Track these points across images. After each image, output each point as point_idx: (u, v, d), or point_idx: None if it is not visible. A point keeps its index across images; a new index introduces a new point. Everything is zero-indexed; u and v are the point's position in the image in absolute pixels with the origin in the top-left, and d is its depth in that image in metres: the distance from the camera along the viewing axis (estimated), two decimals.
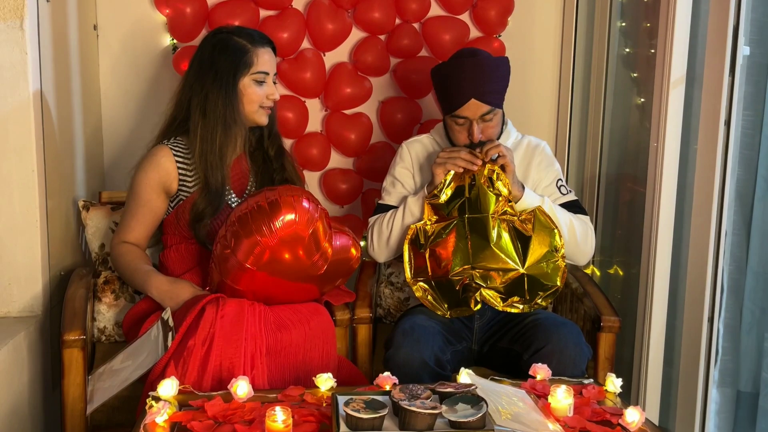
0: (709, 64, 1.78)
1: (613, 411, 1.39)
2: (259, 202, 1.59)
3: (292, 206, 1.57)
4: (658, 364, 2.00)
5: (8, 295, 1.83)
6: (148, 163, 1.77)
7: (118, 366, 1.61)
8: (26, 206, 1.81)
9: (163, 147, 1.78)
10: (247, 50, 1.74)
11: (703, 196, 1.81)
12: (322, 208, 1.65)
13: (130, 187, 1.80)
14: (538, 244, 1.77)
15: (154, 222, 1.81)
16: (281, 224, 1.56)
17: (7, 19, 1.73)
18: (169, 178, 1.77)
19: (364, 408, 1.24)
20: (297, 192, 1.62)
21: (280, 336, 1.62)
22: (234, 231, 1.59)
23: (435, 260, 1.79)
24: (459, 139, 1.86)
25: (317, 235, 1.61)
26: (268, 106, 1.80)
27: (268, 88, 1.78)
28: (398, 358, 1.66)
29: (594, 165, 2.40)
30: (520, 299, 1.78)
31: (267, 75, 1.78)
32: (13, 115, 1.77)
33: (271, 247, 1.57)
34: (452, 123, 1.86)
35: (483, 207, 1.77)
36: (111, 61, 2.36)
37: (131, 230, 1.79)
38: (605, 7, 2.33)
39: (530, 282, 1.77)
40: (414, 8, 2.36)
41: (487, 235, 1.76)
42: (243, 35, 1.76)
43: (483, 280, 1.77)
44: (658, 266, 1.96)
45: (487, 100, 1.80)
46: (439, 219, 1.82)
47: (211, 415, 1.34)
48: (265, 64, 1.77)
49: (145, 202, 1.77)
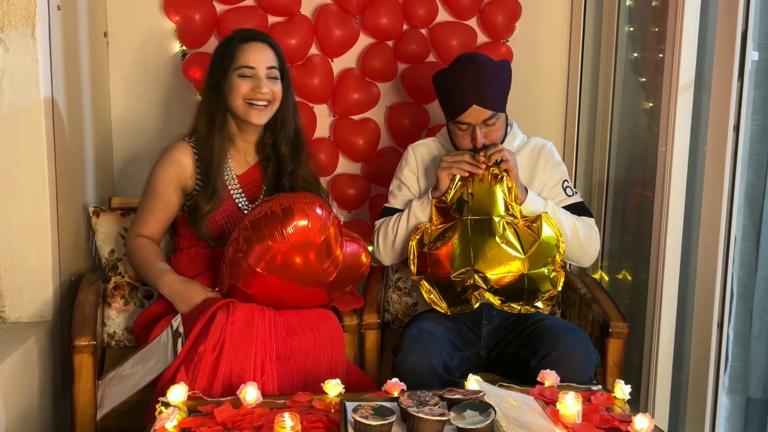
0: (718, 68, 1.77)
1: (622, 418, 1.39)
2: (272, 207, 1.60)
3: (305, 213, 1.58)
4: (667, 371, 1.99)
5: (19, 300, 1.85)
6: (166, 158, 1.79)
7: (128, 371, 1.62)
8: (37, 212, 1.82)
9: (182, 143, 1.81)
10: (234, 47, 1.78)
11: (713, 201, 1.81)
12: (335, 216, 1.66)
13: (147, 181, 1.82)
14: (542, 246, 1.77)
15: (169, 217, 1.83)
16: (293, 230, 1.57)
17: (19, 26, 1.75)
18: (186, 174, 1.79)
19: (373, 414, 1.25)
20: (310, 199, 1.63)
21: (289, 342, 1.63)
22: (246, 235, 1.60)
23: (436, 264, 1.79)
24: (462, 144, 1.86)
25: (329, 242, 1.62)
26: (255, 101, 1.77)
27: (255, 83, 1.77)
28: (407, 364, 1.66)
29: (602, 170, 2.40)
30: (519, 302, 1.78)
31: (253, 69, 1.77)
32: (24, 121, 1.78)
33: (283, 253, 1.58)
34: (455, 128, 1.86)
35: (488, 208, 1.77)
36: (121, 68, 2.38)
37: (146, 224, 1.81)
38: (613, 12, 2.32)
39: (530, 283, 1.76)
40: (421, 14, 2.37)
41: (492, 230, 1.75)
42: (237, 34, 1.81)
43: (484, 282, 1.77)
44: (667, 271, 1.95)
45: (488, 105, 1.81)
46: (444, 221, 1.82)
47: (220, 421, 1.34)
48: (250, 58, 1.77)
49: (161, 197, 1.79)
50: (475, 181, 1.79)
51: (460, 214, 1.79)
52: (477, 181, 1.79)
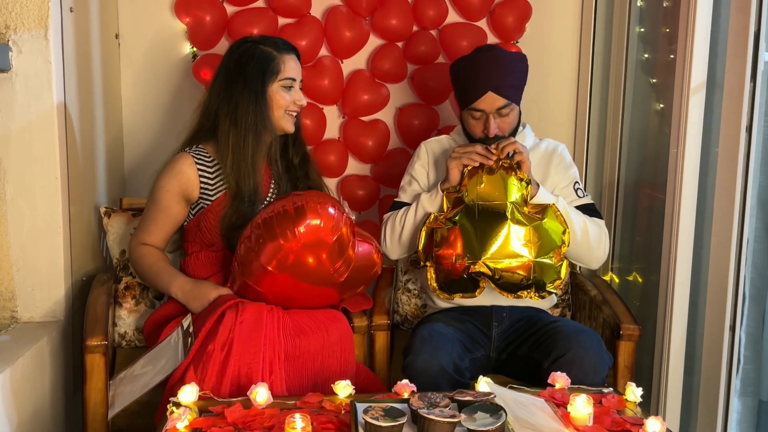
0: (730, 70, 1.76)
1: (634, 421, 1.38)
2: (285, 206, 1.60)
3: (317, 212, 1.58)
4: (679, 373, 1.98)
5: (31, 300, 1.86)
6: (170, 170, 1.79)
7: (138, 371, 1.63)
8: (49, 213, 1.83)
9: (185, 155, 1.80)
10: (273, 57, 1.77)
11: (725, 202, 1.79)
12: (348, 216, 1.65)
13: (151, 192, 1.82)
14: (548, 233, 1.75)
15: (172, 228, 1.83)
16: (305, 229, 1.57)
17: (32, 28, 1.76)
18: (190, 186, 1.79)
19: (383, 416, 1.25)
20: (323, 198, 1.63)
21: (298, 341, 1.63)
22: (258, 234, 1.60)
23: (442, 248, 1.78)
24: (475, 132, 1.87)
25: (342, 241, 1.62)
26: (294, 111, 1.82)
27: (295, 94, 1.80)
28: (417, 365, 1.66)
29: (613, 171, 2.39)
30: (528, 289, 1.77)
31: (294, 81, 1.80)
32: (36, 123, 1.80)
33: (295, 252, 1.58)
34: (468, 116, 1.87)
35: (499, 195, 1.75)
36: (132, 70, 2.40)
37: (150, 233, 1.82)
38: (624, 13, 2.32)
39: (536, 273, 1.75)
40: (431, 15, 2.37)
41: (502, 215, 1.73)
42: (268, 43, 1.79)
43: (489, 269, 1.75)
44: (678, 273, 1.94)
45: (503, 93, 1.81)
46: (455, 209, 1.81)
47: (230, 422, 1.34)
48: (292, 70, 1.79)
49: (165, 209, 1.80)
50: (485, 173, 1.78)
51: (470, 201, 1.78)
52: (487, 172, 1.78)
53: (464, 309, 1.90)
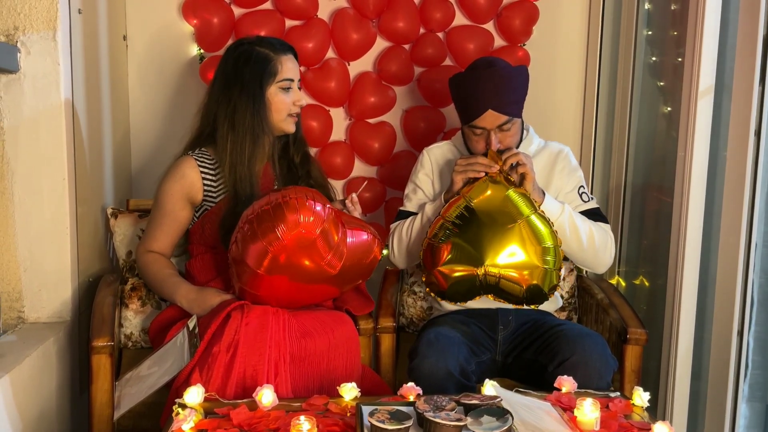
0: (739, 73, 1.75)
1: (641, 425, 1.37)
2: (263, 206, 1.58)
3: (295, 208, 1.55)
4: (686, 378, 1.97)
5: (38, 300, 1.86)
6: (173, 174, 1.79)
7: (144, 372, 1.63)
8: (56, 213, 1.84)
9: (187, 158, 1.80)
10: (270, 59, 1.76)
11: (733, 207, 1.78)
12: (331, 207, 1.63)
13: (155, 198, 1.82)
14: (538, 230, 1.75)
15: (178, 232, 1.83)
16: (287, 227, 1.54)
17: (41, 29, 1.77)
18: (194, 189, 1.79)
19: (389, 419, 1.24)
20: (302, 192, 1.60)
21: (304, 343, 1.63)
22: (242, 236, 1.59)
23: (441, 255, 1.78)
24: (477, 148, 1.86)
25: (328, 233, 1.59)
26: (295, 113, 1.82)
27: (294, 95, 1.80)
28: (423, 368, 1.65)
29: (620, 174, 2.38)
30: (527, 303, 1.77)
31: (292, 81, 1.79)
32: (44, 123, 1.80)
33: (281, 251, 1.56)
34: (470, 133, 1.86)
35: (502, 203, 1.75)
36: (139, 71, 2.40)
37: (156, 240, 1.82)
38: (631, 16, 2.31)
39: (536, 281, 1.74)
40: (438, 18, 2.37)
41: (508, 220, 1.73)
42: (264, 44, 1.78)
43: (493, 276, 1.75)
44: (686, 277, 1.93)
45: (504, 110, 1.80)
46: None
47: (236, 423, 1.34)
48: (290, 71, 1.79)
49: (170, 213, 1.80)
50: (488, 181, 1.77)
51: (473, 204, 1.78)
52: (491, 180, 1.77)
53: (470, 312, 1.89)
